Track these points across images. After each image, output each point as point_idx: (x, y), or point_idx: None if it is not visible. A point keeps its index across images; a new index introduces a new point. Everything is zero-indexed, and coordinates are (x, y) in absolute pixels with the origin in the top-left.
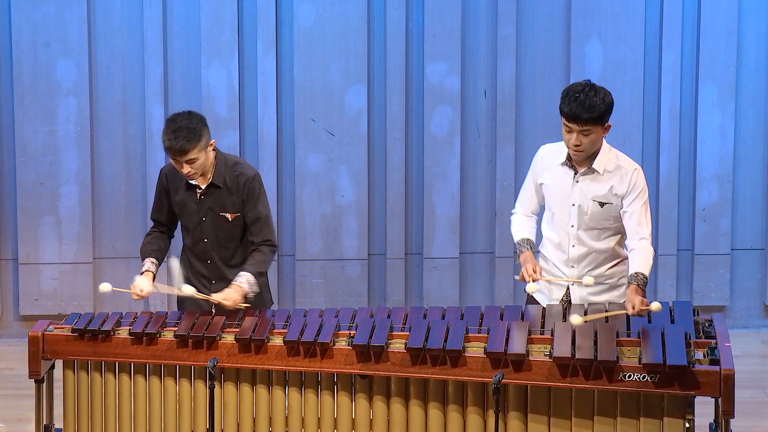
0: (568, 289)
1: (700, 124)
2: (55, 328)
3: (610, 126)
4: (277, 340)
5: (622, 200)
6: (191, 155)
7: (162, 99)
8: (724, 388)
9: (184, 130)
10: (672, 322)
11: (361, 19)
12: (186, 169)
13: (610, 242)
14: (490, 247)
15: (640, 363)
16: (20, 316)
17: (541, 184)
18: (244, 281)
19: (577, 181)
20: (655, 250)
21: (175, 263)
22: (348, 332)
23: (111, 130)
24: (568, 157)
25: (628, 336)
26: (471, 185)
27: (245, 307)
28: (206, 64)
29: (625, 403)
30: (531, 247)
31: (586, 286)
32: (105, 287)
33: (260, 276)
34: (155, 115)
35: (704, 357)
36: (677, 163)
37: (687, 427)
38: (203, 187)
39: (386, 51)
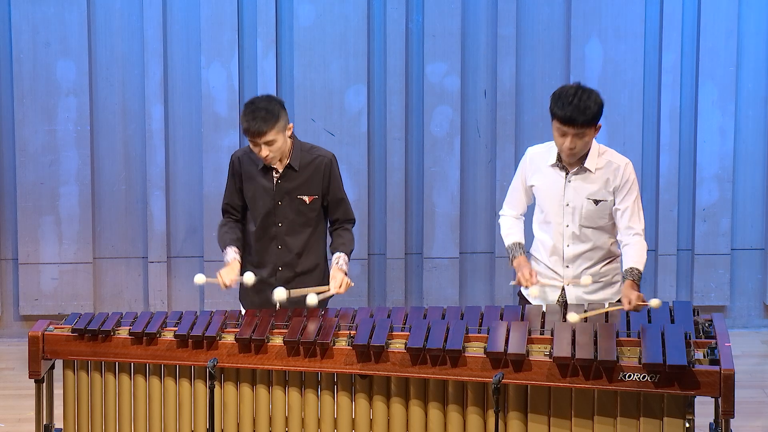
0: (563, 290)
1: (700, 124)
2: (55, 328)
3: (600, 126)
4: (277, 340)
5: (614, 196)
6: (269, 137)
7: (162, 99)
8: (724, 388)
9: (263, 111)
10: (672, 322)
11: (361, 19)
12: (264, 151)
13: (605, 240)
14: (490, 247)
15: (640, 363)
16: (20, 316)
17: (532, 186)
18: (343, 262)
19: (570, 181)
20: (655, 250)
21: (281, 294)
22: (348, 332)
23: (111, 130)
24: (558, 158)
25: (628, 336)
26: (471, 185)
27: (353, 285)
28: (206, 64)
29: (625, 403)
30: (523, 251)
31: (584, 285)
32: (200, 279)
33: (351, 254)
34: (155, 115)
35: (704, 357)
36: (677, 163)
37: (687, 427)
38: (280, 170)
39: (386, 51)
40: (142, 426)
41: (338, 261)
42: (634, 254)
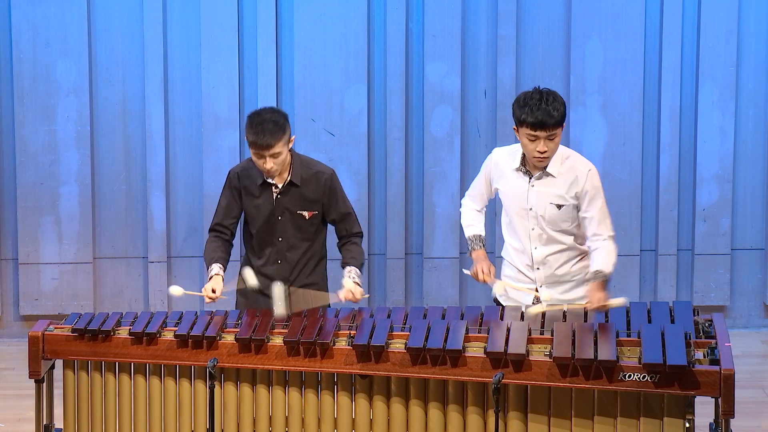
0: (536, 290)
1: (700, 124)
2: (55, 328)
3: (564, 125)
4: (277, 340)
5: (578, 203)
6: (276, 149)
7: (162, 99)
8: (724, 388)
9: (270, 123)
10: (672, 322)
11: (361, 19)
12: (269, 164)
13: (572, 241)
14: (490, 246)
15: (640, 363)
16: (20, 316)
17: (497, 189)
18: (355, 275)
19: (533, 186)
20: (655, 250)
21: (279, 289)
22: (348, 332)
23: (111, 130)
24: (522, 163)
25: (628, 336)
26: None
27: (367, 296)
28: (206, 64)
29: (625, 403)
30: (483, 245)
31: (543, 301)
32: (176, 290)
33: (362, 267)
34: (155, 115)
35: (704, 357)
36: (677, 163)
37: (687, 427)
38: (280, 186)
39: (386, 51)
40: (142, 426)
41: (350, 273)
42: (601, 258)
